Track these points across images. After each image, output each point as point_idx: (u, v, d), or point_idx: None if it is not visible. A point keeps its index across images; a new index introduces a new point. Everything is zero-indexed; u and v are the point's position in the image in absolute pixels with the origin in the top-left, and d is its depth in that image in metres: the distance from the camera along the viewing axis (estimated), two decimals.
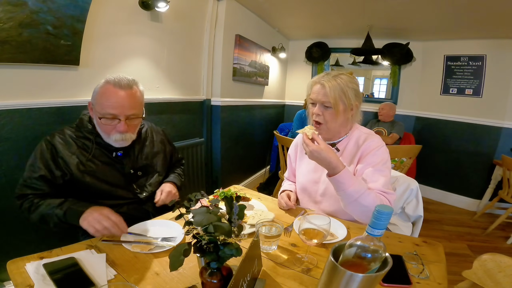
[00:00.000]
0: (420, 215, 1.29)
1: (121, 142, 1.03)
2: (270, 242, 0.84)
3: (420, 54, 3.39)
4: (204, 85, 2.50)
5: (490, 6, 2.14)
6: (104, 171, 1.05)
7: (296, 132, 1.05)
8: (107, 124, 0.99)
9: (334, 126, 1.06)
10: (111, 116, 0.97)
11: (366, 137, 1.08)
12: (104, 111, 0.96)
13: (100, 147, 1.05)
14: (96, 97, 0.98)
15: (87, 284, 0.65)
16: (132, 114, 1.01)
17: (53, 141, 1.00)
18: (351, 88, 1.02)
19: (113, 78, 0.98)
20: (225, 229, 0.56)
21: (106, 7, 1.54)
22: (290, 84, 4.23)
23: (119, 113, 0.98)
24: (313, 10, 2.72)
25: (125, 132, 1.01)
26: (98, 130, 1.03)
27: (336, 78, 1.02)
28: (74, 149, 1.01)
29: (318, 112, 1.04)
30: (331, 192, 1.10)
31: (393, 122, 3.20)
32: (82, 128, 1.05)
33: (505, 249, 2.42)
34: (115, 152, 1.07)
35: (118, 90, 0.97)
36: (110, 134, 1.01)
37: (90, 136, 1.04)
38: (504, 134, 2.97)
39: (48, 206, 0.93)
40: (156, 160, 1.22)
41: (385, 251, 0.52)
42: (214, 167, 2.78)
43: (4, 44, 1.14)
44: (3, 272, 1.02)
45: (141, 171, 1.15)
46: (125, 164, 1.10)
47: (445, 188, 3.42)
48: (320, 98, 1.03)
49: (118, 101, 0.96)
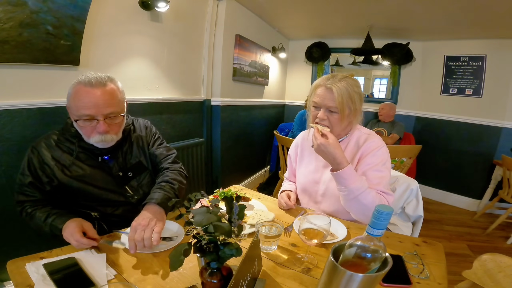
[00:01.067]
0: (420, 215, 1.29)
1: (102, 143, 0.97)
2: (270, 242, 0.84)
3: (420, 54, 3.39)
4: (204, 85, 2.50)
5: (490, 6, 2.14)
6: (92, 175, 1.01)
7: (297, 132, 1.05)
8: (86, 126, 0.93)
9: (337, 129, 1.06)
10: (88, 117, 0.91)
11: (367, 138, 1.08)
12: (79, 112, 0.91)
13: (85, 151, 1.01)
14: (69, 100, 0.93)
15: (87, 284, 0.65)
16: (110, 112, 0.94)
17: (38, 148, 0.98)
18: (357, 92, 1.01)
19: (83, 78, 0.92)
20: (225, 229, 0.56)
21: (106, 7, 1.54)
22: (290, 84, 4.23)
23: (95, 113, 0.91)
24: (313, 10, 2.72)
25: (105, 133, 0.94)
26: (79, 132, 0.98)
27: (342, 82, 0.99)
28: (59, 154, 0.98)
29: (323, 117, 1.02)
30: (331, 192, 1.11)
31: (393, 122, 3.20)
32: (66, 132, 1.01)
33: (505, 249, 2.42)
34: (100, 156, 1.03)
35: (90, 89, 0.90)
36: (90, 136, 0.96)
37: (73, 140, 1.00)
38: (504, 134, 2.97)
39: (39, 220, 0.92)
40: (145, 157, 1.15)
41: (385, 251, 0.52)
42: (214, 167, 2.78)
43: (4, 44, 1.14)
44: (3, 272, 1.02)
45: (132, 172, 1.09)
46: (112, 167, 1.05)
47: (445, 188, 3.42)
48: (326, 102, 1.01)
49: (91, 101, 0.90)
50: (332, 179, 1.02)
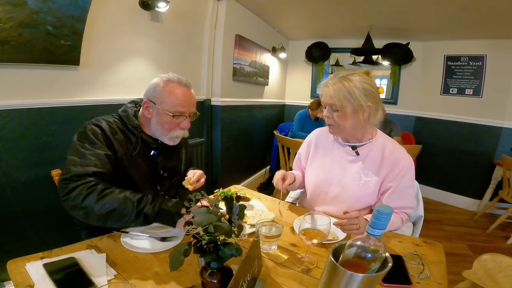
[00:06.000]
0: (420, 215, 1.29)
1: (176, 139, 1.05)
2: (270, 242, 0.84)
3: (420, 54, 3.39)
4: (204, 85, 2.50)
5: (490, 6, 2.14)
6: (137, 167, 1.03)
7: (297, 132, 1.05)
8: (172, 121, 1.00)
9: (345, 127, 1.01)
10: (179, 113, 1.00)
11: (394, 150, 1.03)
12: (174, 108, 0.98)
13: (142, 143, 1.04)
14: (161, 96, 0.98)
15: (87, 284, 0.65)
16: (195, 111, 1.06)
17: (101, 124, 0.97)
18: (360, 88, 0.95)
19: (172, 76, 1.00)
20: (225, 229, 0.56)
21: (106, 7, 1.54)
22: (290, 84, 4.23)
23: (187, 110, 1.01)
24: (313, 10, 2.72)
25: (188, 128, 1.05)
26: (154, 127, 1.02)
27: (343, 79, 0.97)
28: (120, 138, 0.99)
29: (328, 115, 1.02)
30: (343, 198, 1.08)
31: (386, 122, 3.09)
32: (127, 121, 1.03)
33: (505, 249, 2.42)
34: (153, 150, 1.08)
35: (185, 89, 1.00)
36: (171, 131, 1.02)
37: (135, 131, 1.03)
38: (504, 134, 2.97)
39: (122, 198, 0.84)
40: (181, 163, 1.23)
41: (385, 251, 0.52)
42: (214, 167, 2.77)
43: (4, 44, 1.14)
44: (3, 272, 1.02)
45: (167, 173, 1.14)
46: (158, 163, 1.09)
47: (445, 188, 3.42)
48: (327, 100, 1.00)
49: (187, 99, 1.00)
50: (350, 184, 1.05)
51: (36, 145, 1.34)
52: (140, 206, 0.84)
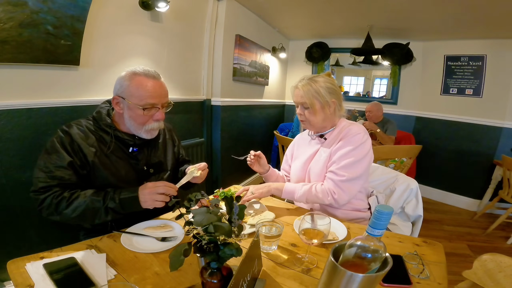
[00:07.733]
0: (419, 215, 1.29)
1: (152, 132, 1.04)
2: (270, 242, 0.84)
3: (420, 54, 3.39)
4: (204, 85, 2.50)
5: (490, 6, 2.14)
6: (118, 166, 1.03)
7: (297, 132, 1.07)
8: (146, 114, 0.99)
9: (316, 121, 1.17)
10: (150, 105, 0.98)
11: (350, 127, 1.17)
12: (144, 101, 0.97)
13: (118, 141, 1.04)
14: (129, 90, 0.97)
15: (87, 284, 0.65)
16: (167, 102, 1.05)
17: (70, 130, 0.97)
18: (324, 87, 1.12)
19: (139, 69, 0.98)
20: (225, 229, 0.56)
21: (106, 7, 1.54)
22: (290, 84, 4.18)
23: (158, 101, 1.00)
24: (313, 10, 2.72)
25: (162, 119, 1.04)
26: (128, 123, 1.01)
27: (310, 81, 1.13)
28: (92, 141, 0.99)
29: (300, 112, 1.19)
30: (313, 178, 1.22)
31: (384, 121, 3.10)
32: (100, 121, 1.02)
33: (505, 249, 2.42)
34: (132, 147, 1.06)
35: (153, 80, 0.99)
36: (145, 124, 1.01)
37: (109, 130, 1.01)
38: (504, 134, 2.97)
39: (88, 199, 0.90)
40: (168, 157, 1.21)
41: (385, 251, 0.52)
42: (214, 167, 2.77)
43: (4, 44, 1.14)
44: (3, 272, 1.02)
45: (153, 169, 1.13)
46: (140, 159, 1.08)
47: (445, 188, 3.42)
48: (298, 100, 1.16)
49: (156, 90, 0.99)
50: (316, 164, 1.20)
51: (36, 145, 1.34)
52: (106, 203, 0.91)
